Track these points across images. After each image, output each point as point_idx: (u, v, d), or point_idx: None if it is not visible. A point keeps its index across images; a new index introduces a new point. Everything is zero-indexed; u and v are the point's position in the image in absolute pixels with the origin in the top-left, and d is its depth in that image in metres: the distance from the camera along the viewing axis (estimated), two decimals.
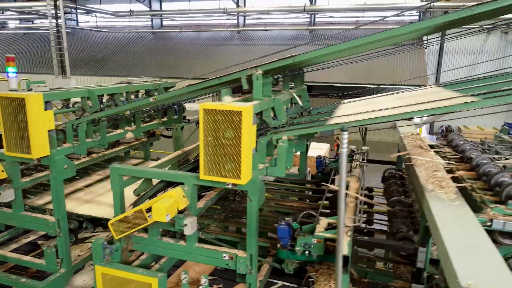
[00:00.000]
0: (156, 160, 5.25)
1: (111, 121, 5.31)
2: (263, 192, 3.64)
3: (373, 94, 19.37)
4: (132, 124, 5.51)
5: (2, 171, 4.26)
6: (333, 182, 4.70)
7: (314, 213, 3.71)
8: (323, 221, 3.56)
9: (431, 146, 5.32)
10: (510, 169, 3.79)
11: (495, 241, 3.08)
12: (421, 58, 20.86)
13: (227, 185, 3.39)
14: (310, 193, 5.68)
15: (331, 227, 3.46)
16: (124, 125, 5.37)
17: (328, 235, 3.29)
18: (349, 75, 20.28)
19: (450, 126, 23.44)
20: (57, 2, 12.60)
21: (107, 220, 3.88)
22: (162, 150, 10.09)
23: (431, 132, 24.14)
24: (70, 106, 4.74)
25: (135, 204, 3.87)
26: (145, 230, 3.90)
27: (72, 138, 4.37)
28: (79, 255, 4.84)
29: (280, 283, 4.17)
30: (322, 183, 5.28)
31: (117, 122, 5.35)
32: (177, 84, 6.60)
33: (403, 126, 5.86)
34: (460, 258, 2.02)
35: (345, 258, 2.91)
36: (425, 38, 19.40)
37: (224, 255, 3.67)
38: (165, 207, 3.32)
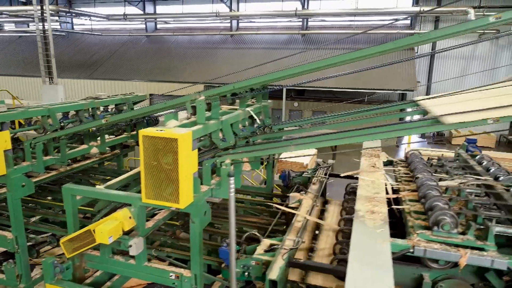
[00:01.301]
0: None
1: (76, 136, 5.40)
2: (209, 213, 3.73)
3: (365, 99, 19.33)
4: (98, 139, 5.60)
5: None
6: (288, 199, 4.79)
7: (257, 234, 3.80)
8: (265, 242, 3.65)
9: (390, 162, 5.42)
10: (450, 192, 3.89)
11: (425, 265, 3.19)
12: (411, 63, 20.96)
13: (171, 207, 3.49)
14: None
15: (270, 248, 3.55)
16: (89, 140, 5.47)
17: (265, 257, 3.38)
18: (339, 80, 20.36)
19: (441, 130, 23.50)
20: (44, 7, 12.65)
21: None
22: None
23: (422, 135, 24.21)
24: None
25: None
26: (98, 248, 4.00)
27: (31, 157, 4.46)
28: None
29: None
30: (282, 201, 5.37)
31: (82, 138, 5.45)
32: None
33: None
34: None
35: (274, 282, 3.01)
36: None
37: (171, 274, 3.76)
38: (107, 229, 3.41)
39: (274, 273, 3.04)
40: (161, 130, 3.31)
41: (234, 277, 2.53)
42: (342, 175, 4.79)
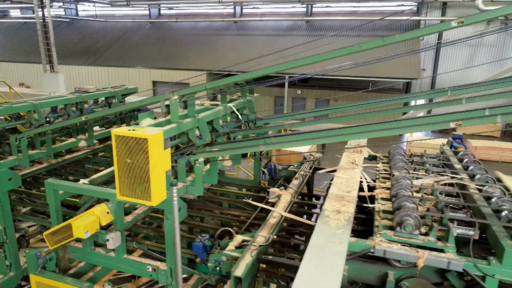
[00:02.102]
0: None
1: (64, 130, 5.51)
2: (184, 210, 3.83)
3: (368, 87, 19.13)
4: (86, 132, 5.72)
5: None
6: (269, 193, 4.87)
7: (230, 230, 3.90)
8: (237, 239, 3.75)
9: (374, 157, 5.43)
10: (424, 190, 3.92)
11: (389, 264, 3.26)
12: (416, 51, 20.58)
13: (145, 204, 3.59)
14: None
15: (241, 245, 3.65)
16: (77, 134, 5.59)
17: (234, 254, 3.48)
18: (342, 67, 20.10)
19: None
20: None
21: None
22: None
23: None
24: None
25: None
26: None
27: (17, 151, 4.59)
28: None
29: None
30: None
31: (71, 131, 5.56)
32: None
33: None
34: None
35: (239, 279, 3.12)
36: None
37: (148, 267, 3.90)
38: (83, 225, 3.55)
39: (239, 270, 3.14)
40: (133, 130, 3.38)
41: (181, 281, 2.63)
42: (321, 171, 4.84)
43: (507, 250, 2.70)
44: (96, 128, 6.53)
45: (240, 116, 4.97)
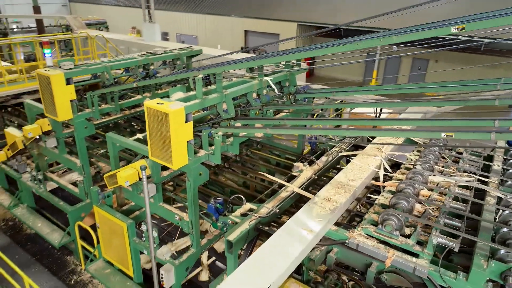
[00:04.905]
0: None
1: (133, 88, 6.40)
2: (205, 174, 4.40)
3: (480, 47, 16.51)
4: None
5: (48, 124, 5.80)
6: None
7: (241, 196, 4.37)
8: (246, 206, 4.23)
9: (414, 142, 5.20)
10: (438, 190, 3.78)
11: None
12: None
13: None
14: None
15: (246, 212, 4.13)
16: (143, 92, 6.49)
17: (237, 219, 3.98)
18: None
19: None
20: None
21: None
22: None
23: None
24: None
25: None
26: None
27: (91, 105, 5.62)
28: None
29: None
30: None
31: (138, 89, 6.46)
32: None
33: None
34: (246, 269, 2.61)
35: (230, 243, 3.63)
36: None
37: (176, 215, 4.68)
38: (124, 176, 4.37)
39: (232, 235, 3.64)
40: (161, 104, 3.94)
41: (154, 256, 3.19)
42: (341, 154, 4.87)
43: (473, 269, 2.66)
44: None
45: (276, 90, 5.17)
